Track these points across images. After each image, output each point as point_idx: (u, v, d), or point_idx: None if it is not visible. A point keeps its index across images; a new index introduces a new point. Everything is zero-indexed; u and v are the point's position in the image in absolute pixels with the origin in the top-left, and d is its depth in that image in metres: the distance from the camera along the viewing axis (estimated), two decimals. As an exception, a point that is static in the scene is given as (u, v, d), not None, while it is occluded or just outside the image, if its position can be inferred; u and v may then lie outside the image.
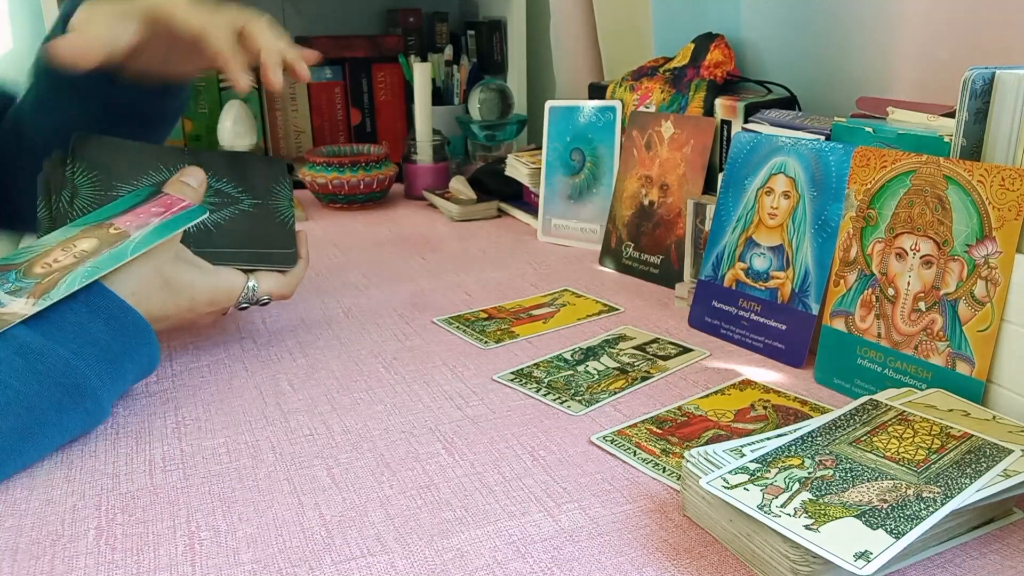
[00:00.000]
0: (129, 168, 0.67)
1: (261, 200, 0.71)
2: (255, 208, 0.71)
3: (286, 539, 0.47)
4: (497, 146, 1.37)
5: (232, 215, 0.69)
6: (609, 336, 0.75)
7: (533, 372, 0.68)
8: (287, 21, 1.57)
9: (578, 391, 0.64)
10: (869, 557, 0.39)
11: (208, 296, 0.66)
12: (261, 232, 0.70)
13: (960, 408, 0.55)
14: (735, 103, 0.87)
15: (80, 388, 0.54)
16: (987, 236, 0.56)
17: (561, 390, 0.64)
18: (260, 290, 0.69)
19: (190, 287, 0.64)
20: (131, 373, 0.59)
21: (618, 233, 0.96)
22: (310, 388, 0.66)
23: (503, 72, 1.54)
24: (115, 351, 0.57)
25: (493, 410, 0.62)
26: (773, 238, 0.72)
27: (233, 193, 0.70)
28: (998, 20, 0.72)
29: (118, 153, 0.67)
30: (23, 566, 0.45)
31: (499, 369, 0.69)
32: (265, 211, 0.71)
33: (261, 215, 0.71)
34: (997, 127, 0.57)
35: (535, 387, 0.65)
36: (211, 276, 0.66)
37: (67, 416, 0.54)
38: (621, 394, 0.64)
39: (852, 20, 0.86)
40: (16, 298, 0.55)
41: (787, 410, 0.61)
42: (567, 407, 0.62)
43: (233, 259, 0.68)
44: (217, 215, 0.69)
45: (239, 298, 0.68)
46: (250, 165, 0.73)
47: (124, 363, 0.58)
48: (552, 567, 0.45)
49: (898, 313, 0.61)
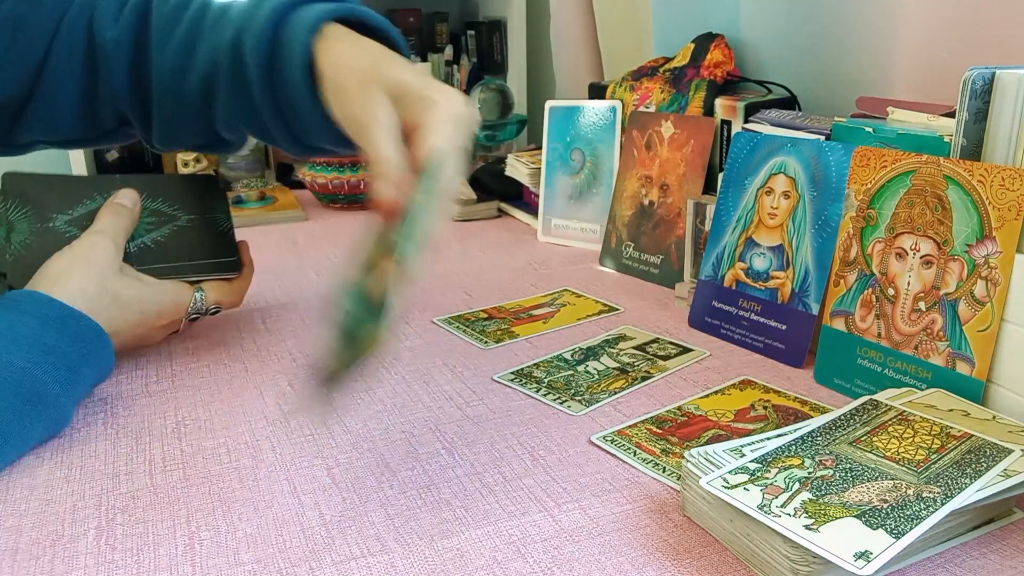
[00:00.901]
0: (61, 200, 0.68)
1: (198, 215, 0.73)
2: (192, 223, 0.72)
3: (286, 539, 0.47)
4: (497, 146, 1.37)
5: (171, 231, 0.71)
6: (609, 336, 0.75)
7: (533, 372, 0.68)
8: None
9: (578, 391, 0.64)
10: (869, 557, 0.39)
11: (156, 309, 0.66)
12: (202, 244, 0.72)
13: (960, 408, 0.55)
14: (735, 103, 0.87)
15: (40, 396, 0.54)
16: (987, 236, 0.56)
17: (561, 390, 0.64)
18: (208, 300, 0.70)
19: (138, 301, 0.64)
20: (89, 378, 0.59)
21: (618, 233, 0.96)
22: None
23: (503, 72, 1.54)
24: (72, 358, 0.57)
25: (493, 410, 0.62)
26: (773, 238, 0.72)
27: (169, 211, 0.72)
28: (998, 20, 0.72)
29: (50, 186, 0.68)
30: (23, 566, 0.45)
31: (499, 369, 0.69)
32: (203, 224, 0.73)
33: (199, 228, 0.72)
34: (997, 127, 0.57)
35: (535, 387, 0.65)
36: (157, 289, 0.66)
37: (29, 425, 0.54)
38: (621, 394, 0.64)
39: (852, 20, 0.86)
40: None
41: (787, 410, 0.61)
42: (567, 407, 0.62)
43: (177, 273, 0.69)
44: (156, 233, 0.70)
45: (188, 309, 0.68)
46: (182, 184, 0.74)
47: (82, 368, 0.58)
48: (552, 567, 0.45)
49: (898, 313, 0.61)
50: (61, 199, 0.68)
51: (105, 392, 0.65)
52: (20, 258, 0.65)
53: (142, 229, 0.69)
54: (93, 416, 0.61)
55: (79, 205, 0.68)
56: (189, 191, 0.74)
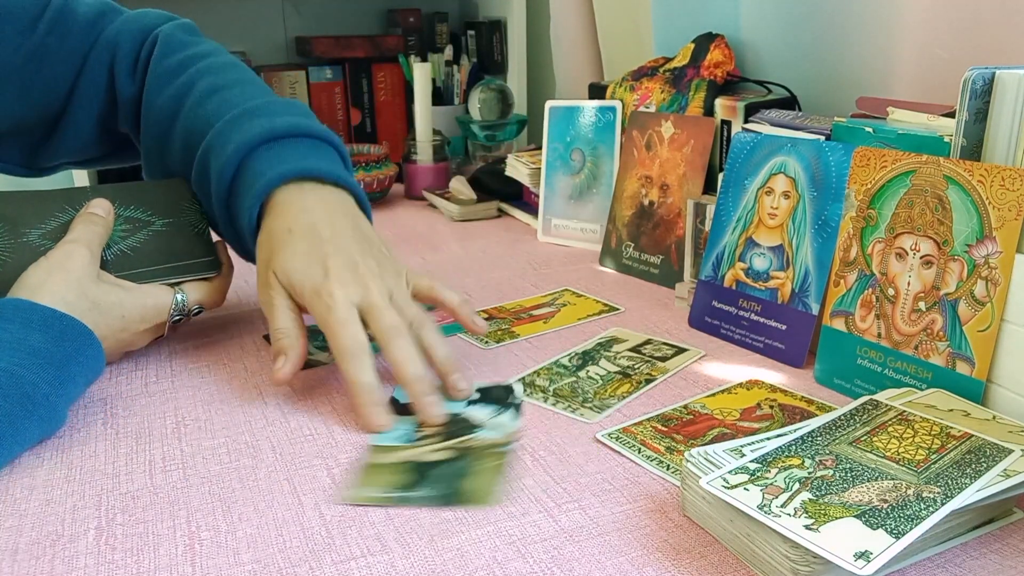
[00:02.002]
0: (35, 214, 0.68)
1: (173, 218, 0.73)
2: (168, 226, 0.72)
3: (286, 539, 0.47)
4: (497, 146, 1.37)
5: (147, 236, 0.71)
6: (601, 339, 0.75)
7: (535, 381, 0.67)
8: (287, 21, 1.57)
9: (586, 398, 0.64)
10: (869, 557, 0.39)
11: (138, 313, 0.66)
12: (178, 247, 0.72)
13: (960, 408, 0.55)
14: (735, 103, 0.87)
15: (30, 397, 0.54)
16: (987, 236, 0.56)
17: (569, 398, 0.64)
18: (189, 300, 0.70)
19: (119, 306, 0.65)
20: (80, 376, 0.59)
21: (618, 233, 0.96)
22: (310, 388, 0.66)
23: (503, 72, 1.54)
24: (59, 357, 0.57)
25: (493, 410, 0.62)
26: (773, 238, 0.72)
27: (143, 217, 0.72)
28: (998, 20, 0.72)
29: (22, 203, 0.69)
30: (23, 566, 0.45)
31: (499, 369, 0.69)
32: (178, 227, 0.73)
33: (175, 231, 0.73)
34: (997, 127, 0.57)
35: (542, 396, 0.64)
36: (137, 294, 0.67)
37: (21, 426, 0.54)
38: (630, 398, 0.63)
39: (852, 20, 0.86)
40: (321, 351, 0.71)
41: (793, 409, 0.61)
42: (580, 415, 0.61)
43: (156, 276, 0.69)
44: (132, 239, 0.70)
45: (170, 311, 0.68)
46: (153, 191, 0.75)
47: (71, 367, 0.58)
48: (552, 567, 0.45)
49: (898, 313, 0.61)
50: (33, 214, 0.68)
51: (105, 392, 0.65)
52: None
53: (117, 236, 0.70)
54: (93, 416, 0.61)
55: (51, 219, 0.68)
56: (161, 196, 0.74)
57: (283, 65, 1.52)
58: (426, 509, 0.50)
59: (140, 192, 0.74)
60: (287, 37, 1.58)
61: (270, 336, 0.63)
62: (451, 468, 0.54)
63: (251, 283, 0.91)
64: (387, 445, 0.57)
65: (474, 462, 0.54)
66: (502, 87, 1.37)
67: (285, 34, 1.58)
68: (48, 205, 0.69)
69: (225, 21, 1.53)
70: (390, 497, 0.51)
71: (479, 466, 0.54)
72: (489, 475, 0.53)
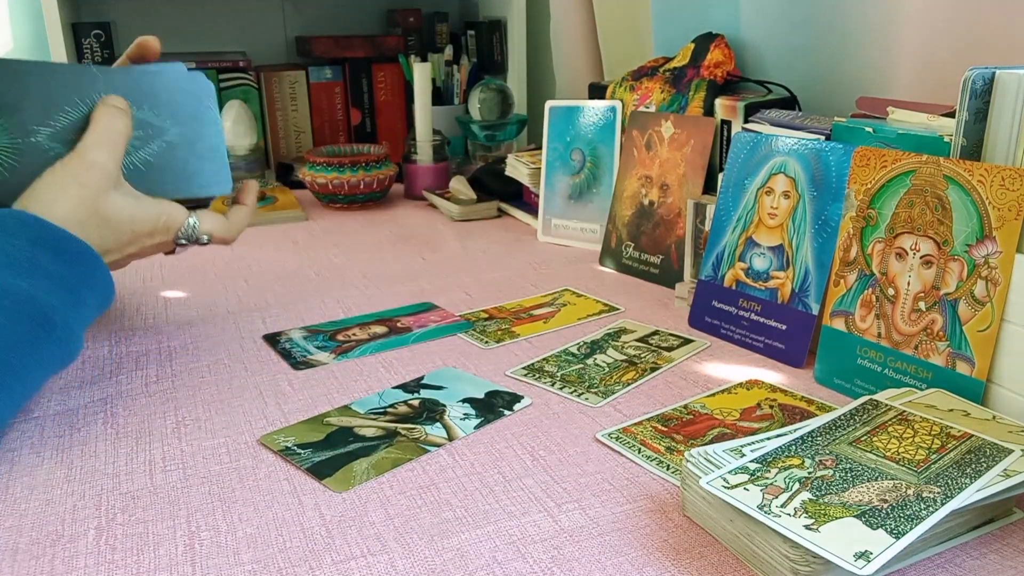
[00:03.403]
0: (41, 107, 0.63)
1: (187, 126, 0.69)
2: (181, 139, 0.69)
3: (286, 539, 0.47)
4: (497, 146, 1.37)
5: (159, 149, 0.68)
6: (611, 330, 0.76)
7: (544, 367, 0.68)
8: (287, 21, 1.57)
9: (592, 383, 0.65)
10: (869, 557, 0.39)
11: (149, 227, 0.66)
12: (191, 164, 0.69)
13: (960, 408, 0.55)
14: (735, 103, 0.87)
15: (48, 318, 0.54)
16: (987, 236, 0.56)
17: (575, 383, 0.65)
18: (200, 228, 0.69)
19: (130, 222, 0.64)
20: (91, 300, 0.58)
21: (618, 233, 0.96)
22: (310, 388, 0.66)
23: (503, 72, 1.54)
24: (70, 281, 0.56)
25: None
26: (773, 238, 0.72)
27: (156, 123, 0.68)
28: (998, 20, 0.72)
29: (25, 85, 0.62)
30: (23, 566, 0.45)
31: (499, 368, 0.69)
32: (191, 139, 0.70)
33: (188, 144, 0.69)
34: (997, 127, 0.57)
35: (549, 381, 0.65)
36: (152, 208, 0.66)
37: (43, 348, 0.53)
38: (634, 385, 0.64)
39: (852, 20, 0.86)
40: (322, 352, 0.72)
41: (793, 409, 0.61)
42: (584, 399, 0.62)
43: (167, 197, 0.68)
44: (144, 152, 0.67)
45: (178, 232, 0.68)
46: (170, 84, 0.69)
47: (81, 291, 0.57)
48: (552, 567, 0.45)
49: (898, 313, 0.61)
50: (40, 107, 0.63)
51: (105, 392, 0.65)
52: (4, 182, 0.61)
53: (130, 145, 0.66)
54: (93, 416, 0.61)
55: (59, 114, 0.63)
56: (179, 94, 0.69)
57: (283, 65, 1.53)
58: (426, 509, 0.50)
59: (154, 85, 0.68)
60: (287, 37, 1.58)
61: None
62: (361, 444, 0.56)
63: (250, 283, 0.91)
64: (353, 409, 0.60)
65: (382, 448, 0.56)
66: (502, 87, 1.37)
67: (285, 34, 1.58)
68: (55, 94, 0.63)
69: (225, 21, 1.53)
70: (286, 447, 0.55)
71: (381, 454, 0.55)
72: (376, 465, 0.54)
